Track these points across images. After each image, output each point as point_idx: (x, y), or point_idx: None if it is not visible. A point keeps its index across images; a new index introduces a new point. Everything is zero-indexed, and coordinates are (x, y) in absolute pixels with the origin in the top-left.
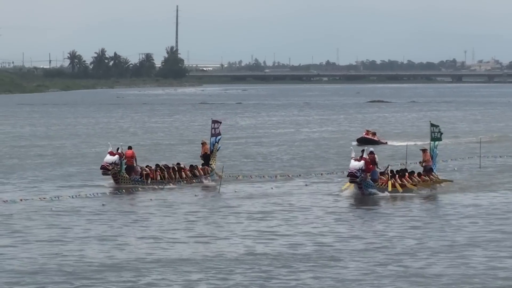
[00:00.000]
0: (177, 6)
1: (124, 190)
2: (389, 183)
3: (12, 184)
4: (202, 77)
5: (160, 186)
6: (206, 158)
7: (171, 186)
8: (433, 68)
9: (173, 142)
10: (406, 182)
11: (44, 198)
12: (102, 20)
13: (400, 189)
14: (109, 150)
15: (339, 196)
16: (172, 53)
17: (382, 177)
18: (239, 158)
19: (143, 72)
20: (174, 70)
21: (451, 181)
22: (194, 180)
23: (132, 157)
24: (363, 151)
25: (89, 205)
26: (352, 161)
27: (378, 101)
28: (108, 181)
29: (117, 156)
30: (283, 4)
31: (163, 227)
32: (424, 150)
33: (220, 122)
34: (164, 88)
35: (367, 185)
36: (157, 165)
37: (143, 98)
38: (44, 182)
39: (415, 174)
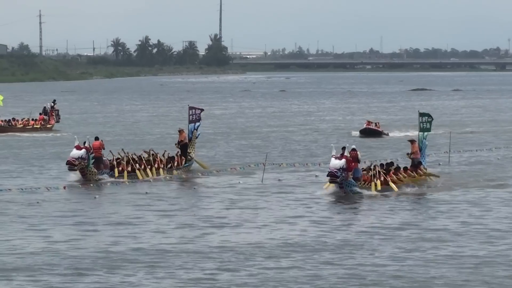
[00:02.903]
0: None
1: (168, 177)
2: (372, 184)
3: (57, 171)
4: (246, 65)
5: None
6: (184, 146)
7: (144, 178)
8: (477, 56)
9: (226, 131)
10: (389, 179)
11: (90, 185)
12: (145, 8)
13: (380, 187)
14: (75, 144)
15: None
16: (216, 40)
17: (366, 172)
18: (282, 145)
19: (186, 59)
20: (217, 58)
21: (438, 176)
22: (166, 172)
23: (100, 148)
24: (343, 148)
25: (133, 191)
26: (333, 159)
27: (421, 89)
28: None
29: (83, 150)
30: None
31: (210, 214)
32: (412, 141)
33: (202, 110)
34: (208, 75)
35: (349, 185)
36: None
37: (186, 85)
38: None
39: (401, 170)
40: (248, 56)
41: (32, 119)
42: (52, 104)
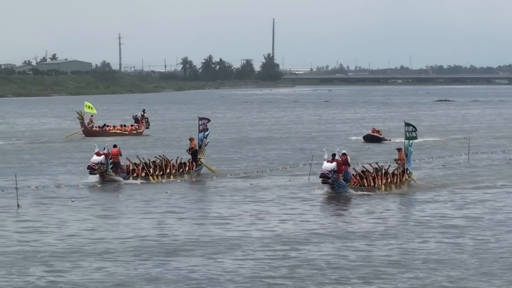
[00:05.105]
0: (273, 19)
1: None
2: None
3: None
4: (295, 80)
5: (144, 182)
6: (194, 152)
7: (158, 180)
8: (492, 72)
9: (288, 136)
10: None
11: (161, 181)
12: (209, 31)
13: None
14: (95, 151)
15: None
16: (269, 59)
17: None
18: (324, 147)
19: (244, 75)
20: (270, 74)
21: (418, 182)
22: (179, 175)
23: (118, 154)
24: (333, 155)
25: (200, 188)
26: (325, 162)
27: (445, 100)
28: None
29: (102, 156)
30: (364, 16)
31: (265, 206)
32: (399, 149)
33: (209, 120)
34: (262, 89)
35: (339, 185)
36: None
37: (244, 97)
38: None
39: (389, 174)
40: (297, 72)
41: (124, 125)
42: (142, 113)
